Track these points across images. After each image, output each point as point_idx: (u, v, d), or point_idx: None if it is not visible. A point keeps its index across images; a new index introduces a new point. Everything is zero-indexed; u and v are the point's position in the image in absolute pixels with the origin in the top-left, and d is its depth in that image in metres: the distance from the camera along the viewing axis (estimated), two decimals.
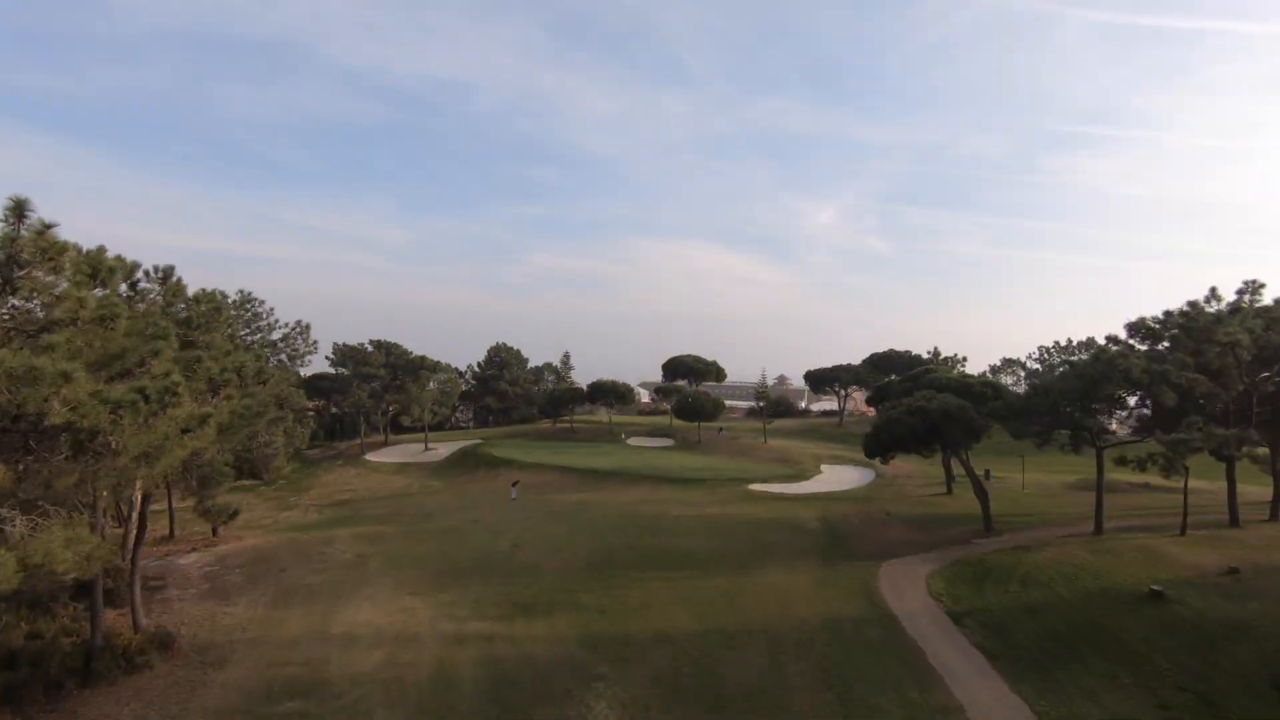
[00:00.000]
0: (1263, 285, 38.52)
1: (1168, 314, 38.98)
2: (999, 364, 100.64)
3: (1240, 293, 38.90)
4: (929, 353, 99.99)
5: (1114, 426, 50.90)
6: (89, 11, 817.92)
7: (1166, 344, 39.83)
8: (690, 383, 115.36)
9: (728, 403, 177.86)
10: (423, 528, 46.78)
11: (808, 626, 27.59)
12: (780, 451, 76.62)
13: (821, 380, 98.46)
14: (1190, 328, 34.41)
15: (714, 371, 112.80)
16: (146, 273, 25.98)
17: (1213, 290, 43.03)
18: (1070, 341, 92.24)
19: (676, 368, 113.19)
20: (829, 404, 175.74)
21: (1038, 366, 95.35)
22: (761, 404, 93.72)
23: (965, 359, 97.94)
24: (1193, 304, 36.77)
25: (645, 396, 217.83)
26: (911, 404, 37.99)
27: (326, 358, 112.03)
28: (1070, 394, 33.71)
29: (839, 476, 65.02)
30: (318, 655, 25.25)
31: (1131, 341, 39.39)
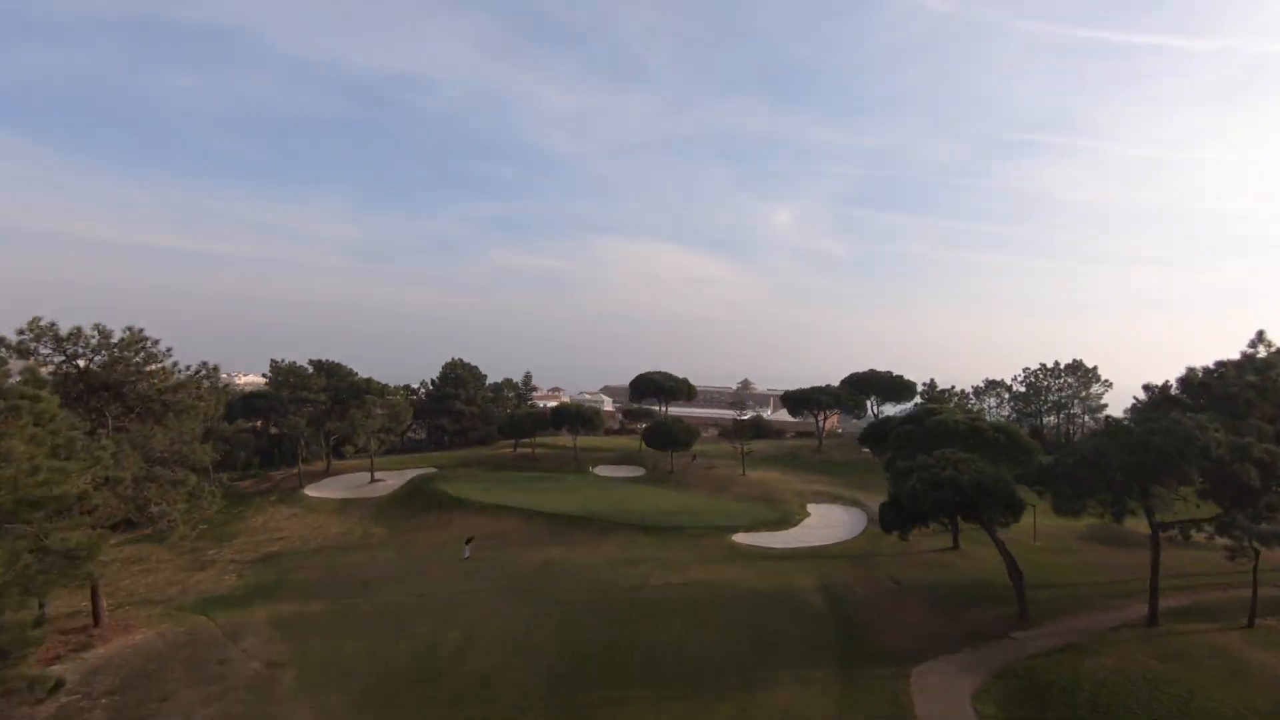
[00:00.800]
0: None
1: (1220, 365, 33.97)
2: (983, 385, 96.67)
3: None
4: (924, 385, 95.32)
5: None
6: None
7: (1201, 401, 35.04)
8: (659, 401, 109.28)
9: (698, 412, 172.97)
10: (356, 607, 39.36)
11: None
12: (761, 486, 70.76)
13: (800, 403, 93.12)
14: (1267, 389, 29.28)
15: (684, 390, 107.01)
16: None
17: (1260, 335, 38.50)
18: (1057, 365, 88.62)
19: (645, 386, 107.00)
20: (789, 417, 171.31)
21: (1022, 389, 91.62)
22: (738, 420, 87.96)
23: (962, 392, 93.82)
24: (1260, 361, 31.75)
25: (609, 405, 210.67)
26: (938, 474, 32.17)
27: (263, 375, 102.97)
28: (1132, 469, 28.28)
29: (828, 520, 59.39)
30: None
31: (1181, 396, 34.28)
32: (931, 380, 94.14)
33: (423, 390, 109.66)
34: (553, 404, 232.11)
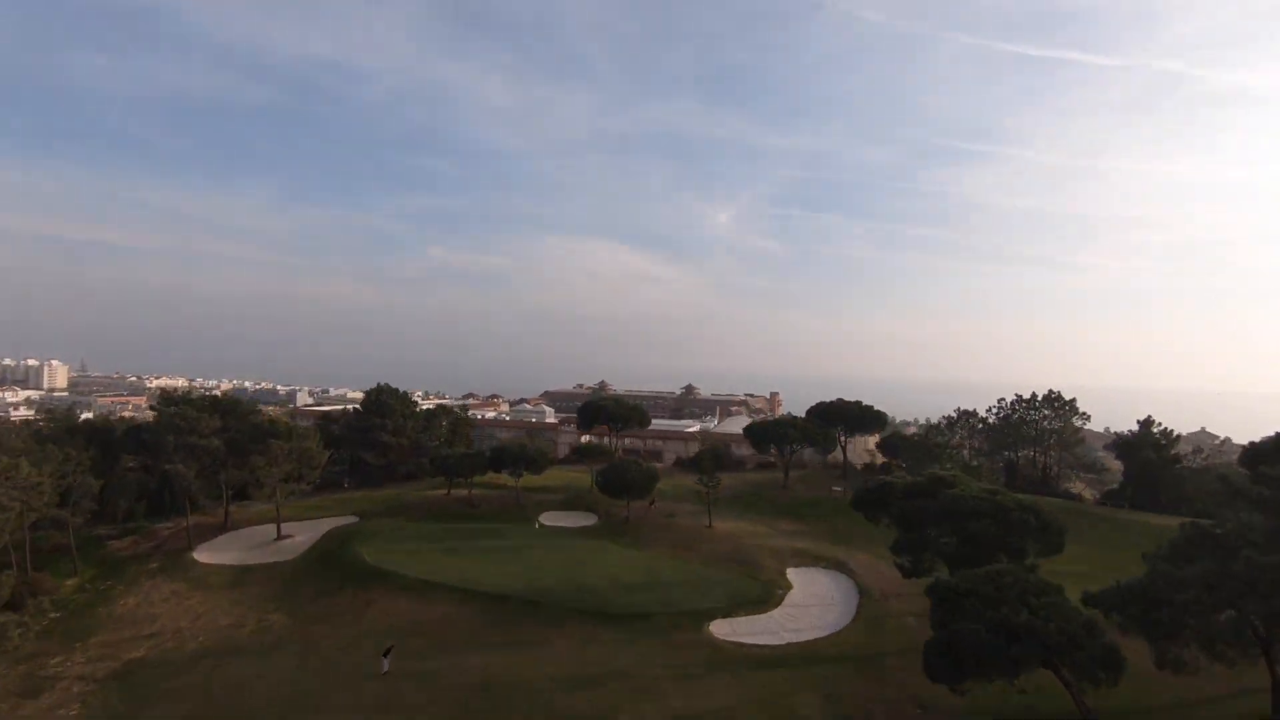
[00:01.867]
0: None
1: None
2: (954, 416, 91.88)
3: None
4: (917, 424, 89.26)
5: None
6: None
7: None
8: (612, 430, 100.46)
9: (659, 424, 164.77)
10: None
11: None
12: (731, 542, 62.91)
13: (764, 438, 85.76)
14: None
15: (636, 417, 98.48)
16: None
17: None
18: (1034, 397, 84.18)
19: (593, 413, 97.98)
20: (738, 429, 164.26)
21: (995, 420, 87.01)
22: (700, 454, 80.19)
23: (932, 424, 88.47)
24: None
25: (552, 417, 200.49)
26: (1010, 617, 24.50)
27: (150, 407, 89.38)
28: (1239, 596, 21.36)
29: (813, 592, 51.98)
30: None
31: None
32: (935, 418, 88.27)
33: (349, 412, 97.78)
34: (490, 414, 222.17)
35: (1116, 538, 64.22)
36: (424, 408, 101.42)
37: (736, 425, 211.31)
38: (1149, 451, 73.66)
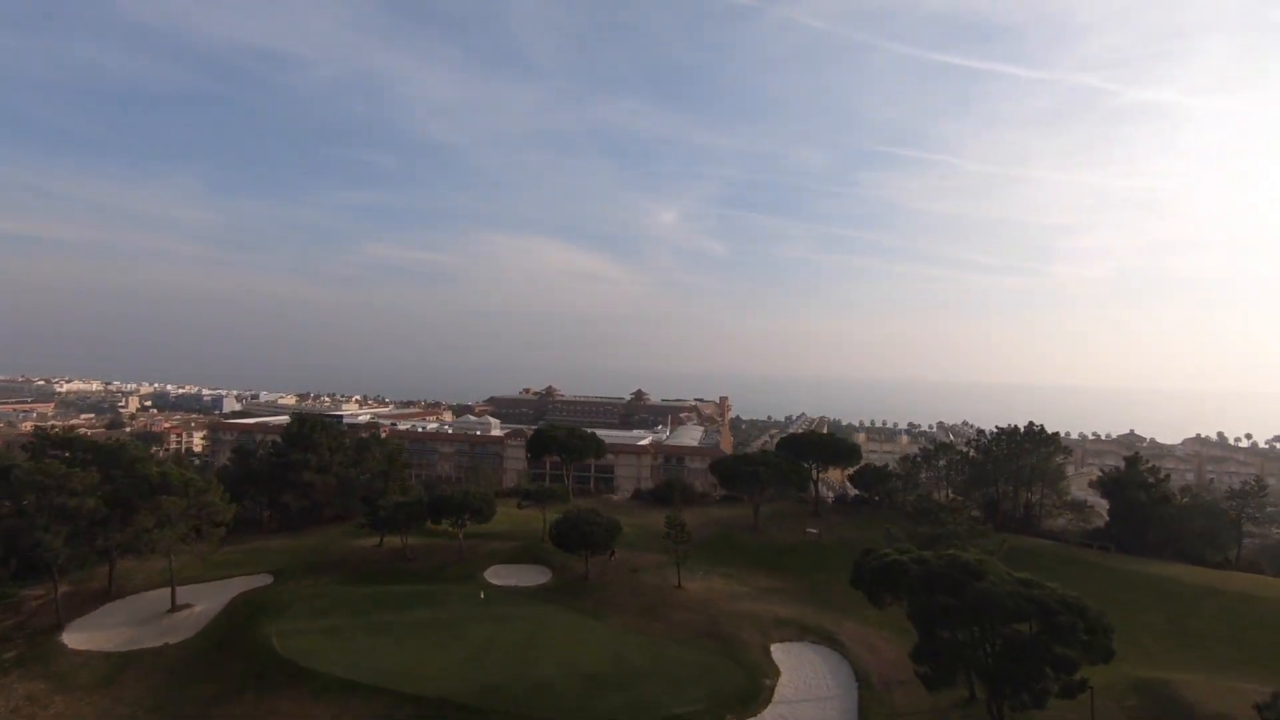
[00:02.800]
0: None
1: None
2: (932, 448, 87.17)
3: None
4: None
5: None
6: None
7: None
8: (564, 460, 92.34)
9: (615, 439, 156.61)
10: None
11: None
12: (704, 609, 55.83)
13: (733, 476, 78.80)
14: None
15: (591, 448, 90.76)
16: None
17: None
18: (1015, 429, 79.82)
19: (544, 444, 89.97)
20: (691, 441, 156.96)
21: (975, 454, 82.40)
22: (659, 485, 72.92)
23: (910, 460, 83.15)
24: None
25: (497, 429, 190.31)
26: None
27: (22, 446, 77.57)
28: None
29: (805, 682, 45.28)
30: None
31: None
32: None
33: (262, 450, 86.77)
34: (432, 425, 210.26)
35: (1119, 592, 59.83)
36: (356, 432, 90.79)
37: (690, 436, 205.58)
38: (1139, 492, 69.97)
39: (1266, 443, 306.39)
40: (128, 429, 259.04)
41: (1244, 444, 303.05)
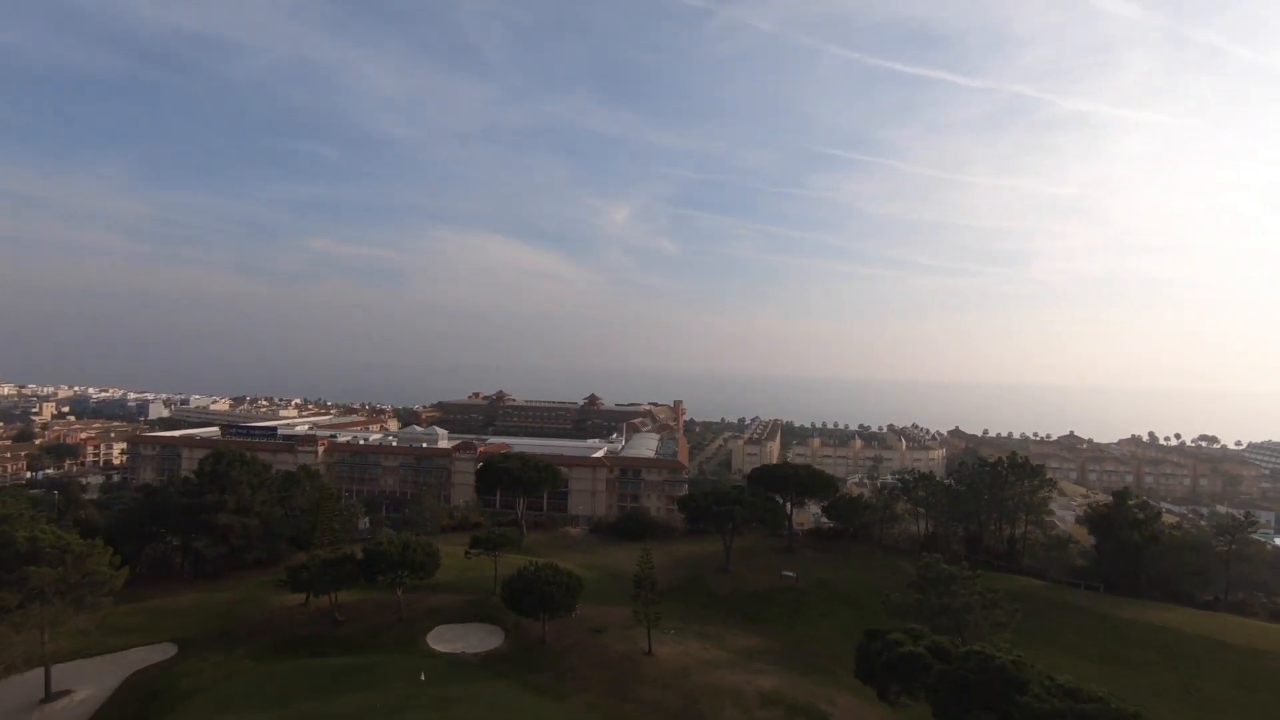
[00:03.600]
0: None
1: None
2: (911, 480, 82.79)
3: None
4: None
5: None
6: None
7: None
8: (516, 493, 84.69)
9: (556, 444, 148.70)
10: None
11: None
12: (679, 685, 49.27)
13: (704, 517, 72.57)
14: None
15: (547, 479, 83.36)
16: None
17: None
18: (1000, 461, 75.91)
19: (498, 477, 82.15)
20: (648, 451, 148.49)
21: (950, 481, 78.43)
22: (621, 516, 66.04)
23: (889, 489, 78.20)
24: None
25: (445, 441, 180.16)
26: None
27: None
28: None
29: None
30: None
31: None
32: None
33: (175, 487, 76.64)
34: (375, 436, 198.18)
35: (1124, 648, 55.88)
36: (291, 446, 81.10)
37: (646, 446, 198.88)
38: (1130, 531, 66.40)
39: (1193, 442, 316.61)
40: (38, 441, 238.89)
41: (1173, 443, 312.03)
